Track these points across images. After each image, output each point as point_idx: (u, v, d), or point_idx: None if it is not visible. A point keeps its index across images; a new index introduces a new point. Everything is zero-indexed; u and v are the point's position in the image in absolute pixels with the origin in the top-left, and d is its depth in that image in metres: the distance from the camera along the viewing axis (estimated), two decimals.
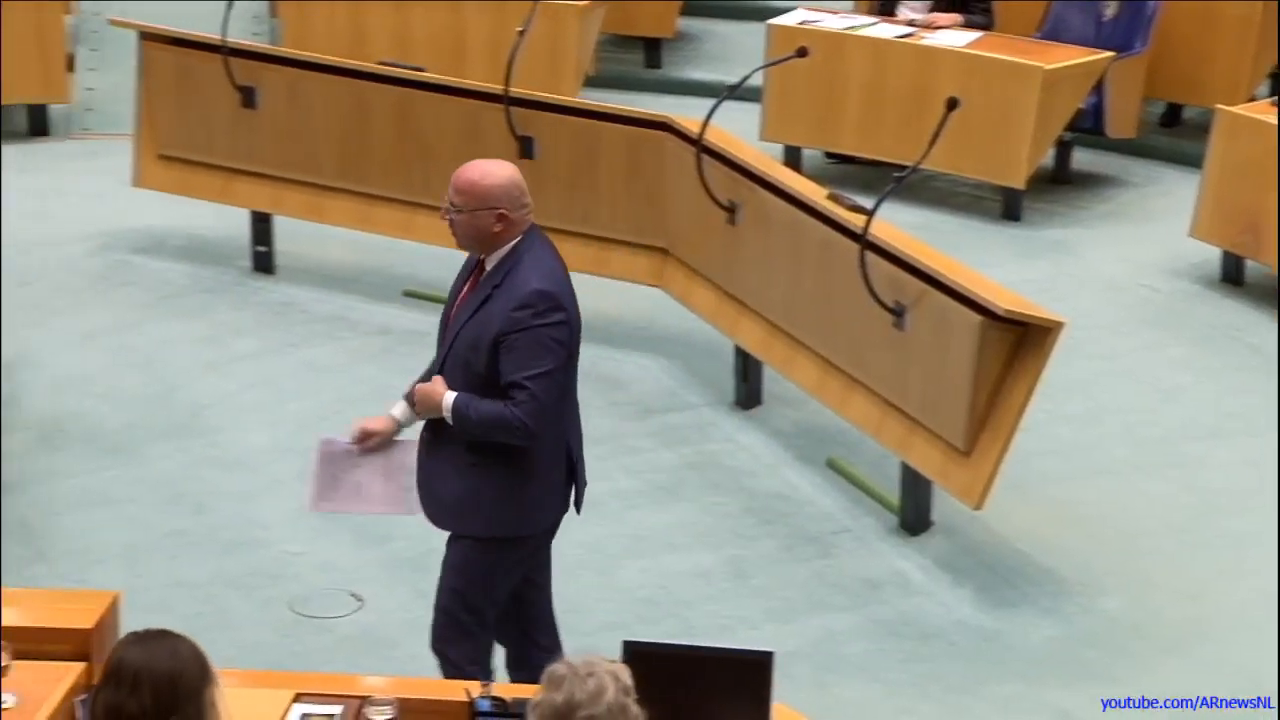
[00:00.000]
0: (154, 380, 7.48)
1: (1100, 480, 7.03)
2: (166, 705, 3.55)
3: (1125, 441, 7.32)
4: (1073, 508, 6.81)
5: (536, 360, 4.87)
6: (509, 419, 4.85)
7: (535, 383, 4.85)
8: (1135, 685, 5.84)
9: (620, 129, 7.82)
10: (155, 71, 8.48)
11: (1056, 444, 7.08)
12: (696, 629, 5.92)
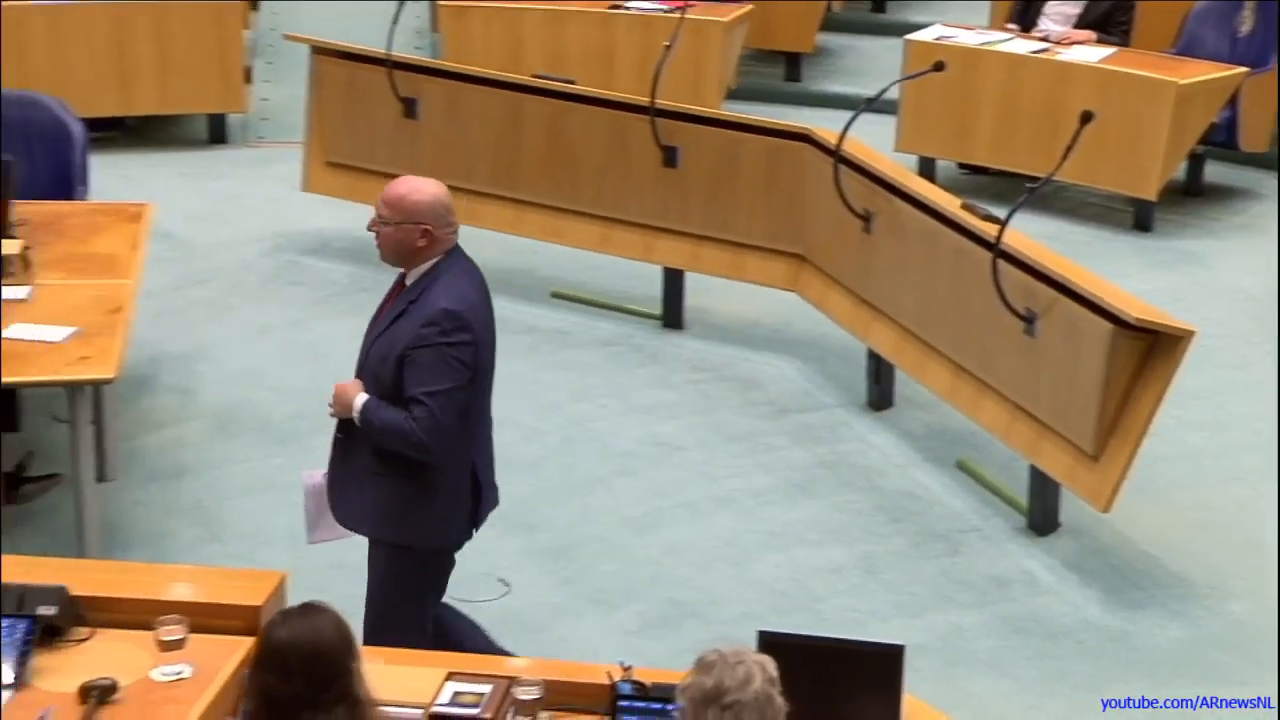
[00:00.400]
0: (319, 374, 7.48)
1: (1229, 487, 6.85)
2: (315, 686, 3.58)
3: (1254, 449, 7.10)
4: (1200, 513, 6.64)
5: (437, 377, 4.83)
6: (407, 431, 4.82)
7: (434, 399, 4.82)
8: (1262, 687, 5.69)
9: (760, 139, 7.75)
10: (325, 83, 8.56)
11: (1185, 450, 6.91)
12: (828, 621, 5.83)
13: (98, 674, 4.14)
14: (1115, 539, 6.44)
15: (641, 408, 7.34)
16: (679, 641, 5.73)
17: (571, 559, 6.30)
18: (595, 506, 6.63)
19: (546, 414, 7.26)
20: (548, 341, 7.88)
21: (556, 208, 8.14)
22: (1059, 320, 6.21)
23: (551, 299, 8.24)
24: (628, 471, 6.86)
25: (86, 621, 4.38)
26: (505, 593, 6.11)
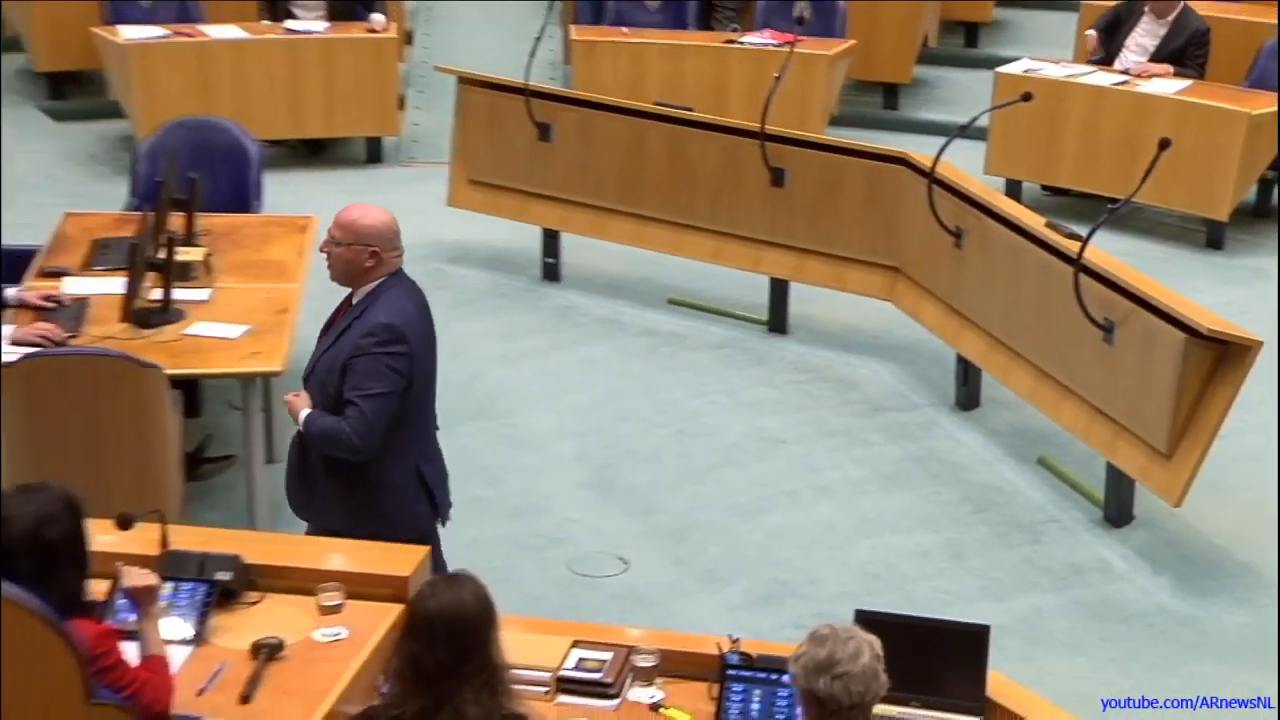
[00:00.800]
0: (460, 370, 7.54)
1: None
2: (458, 656, 3.59)
3: None
4: (1267, 509, 6.51)
5: (371, 383, 4.80)
6: (340, 434, 4.80)
7: (366, 402, 4.78)
8: None
9: (860, 162, 7.72)
10: (470, 110, 8.58)
11: (1252, 451, 6.78)
12: (917, 602, 5.79)
13: (267, 633, 4.22)
14: (1186, 531, 6.35)
15: (748, 405, 7.32)
16: (781, 617, 5.75)
17: (684, 541, 6.30)
18: (706, 493, 6.62)
19: (663, 410, 7.26)
20: (665, 344, 7.87)
21: (675, 223, 8.13)
22: (1136, 330, 6.16)
23: (668, 305, 8.23)
24: (735, 462, 6.85)
25: (257, 586, 4.43)
26: (624, 570, 6.11)
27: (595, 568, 6.12)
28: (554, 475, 6.74)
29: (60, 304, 6.20)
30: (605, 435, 7.03)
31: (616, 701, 4.20)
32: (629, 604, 5.84)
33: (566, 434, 7.05)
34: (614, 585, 6.01)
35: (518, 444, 6.97)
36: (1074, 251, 6.33)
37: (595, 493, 6.63)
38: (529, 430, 7.09)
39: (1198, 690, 5.55)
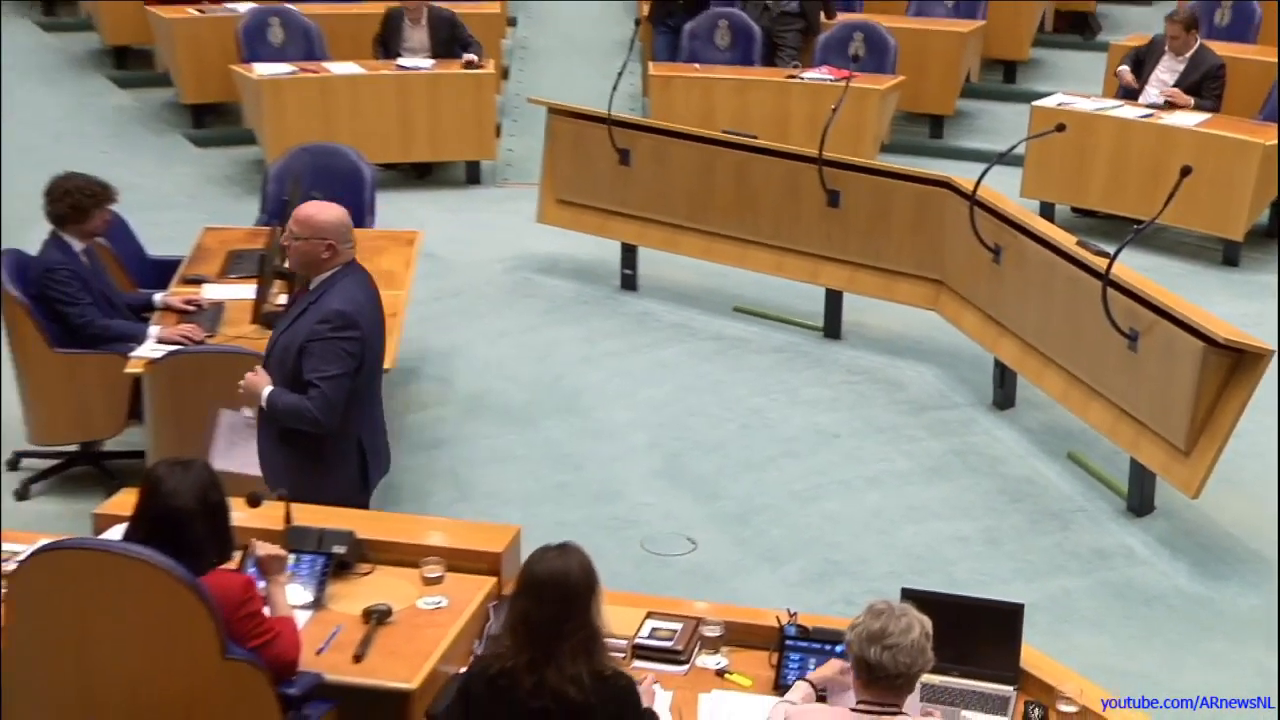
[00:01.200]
0: (546, 369, 7.61)
1: None
2: (562, 614, 3.60)
3: None
4: (1276, 503, 6.40)
5: (328, 365, 4.77)
6: (303, 410, 4.78)
7: (326, 383, 4.76)
8: None
9: (909, 186, 7.67)
10: (557, 137, 8.60)
11: (1263, 450, 6.68)
12: (958, 582, 5.77)
13: (377, 600, 4.27)
14: (1202, 521, 6.29)
15: (805, 402, 7.29)
16: (833, 594, 5.74)
17: (746, 523, 6.29)
18: (766, 481, 6.60)
19: (729, 406, 7.24)
20: (732, 347, 7.84)
21: (740, 239, 8.12)
22: (1158, 339, 6.10)
23: (734, 313, 8.20)
24: (793, 454, 6.83)
25: (368, 559, 4.48)
26: (692, 549, 6.10)
27: (666, 547, 6.12)
28: (629, 464, 6.74)
29: (200, 307, 6.30)
30: (676, 428, 7.03)
31: (686, 667, 4.22)
32: (697, 580, 5.84)
33: (641, 427, 7.04)
34: (683, 563, 6.02)
35: (597, 436, 6.97)
36: (1102, 267, 6.29)
37: (666, 480, 6.62)
38: (608, 423, 7.08)
39: (1213, 665, 5.52)
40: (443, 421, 7.03)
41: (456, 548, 4.49)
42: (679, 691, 4.10)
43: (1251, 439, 6.34)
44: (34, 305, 6.17)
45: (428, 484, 6.50)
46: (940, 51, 10.46)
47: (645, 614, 4.35)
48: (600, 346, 7.85)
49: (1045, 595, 5.74)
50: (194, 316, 6.20)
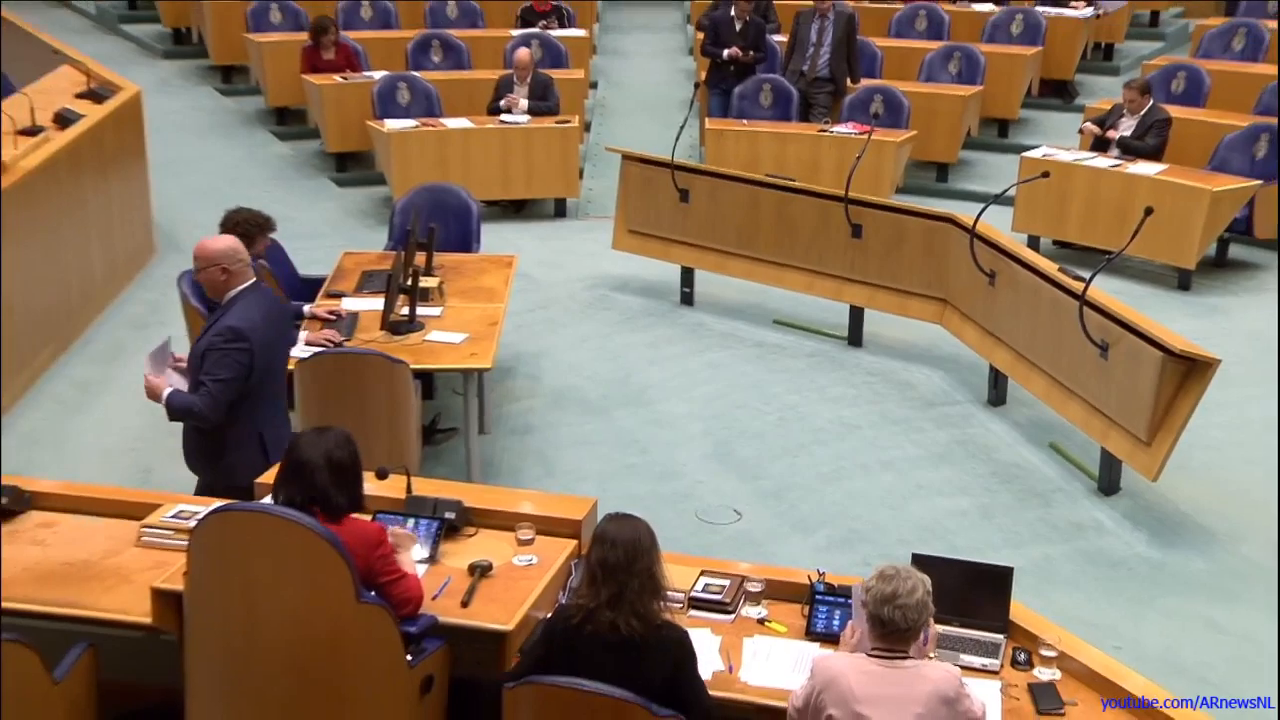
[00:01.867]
0: (617, 369, 7.63)
1: (1240, 468, 6.59)
2: (630, 558, 3.66)
3: (1260, 443, 6.81)
4: (1222, 485, 6.41)
5: (218, 370, 4.74)
6: (192, 407, 4.77)
7: (214, 384, 4.74)
8: (1264, 608, 5.53)
9: (919, 221, 7.64)
10: (629, 178, 8.62)
11: (1211, 441, 6.63)
12: (957, 548, 5.75)
13: (480, 557, 4.28)
14: (1159, 500, 6.24)
15: (832, 399, 7.28)
16: (854, 557, 5.73)
17: (782, 499, 6.30)
18: (799, 464, 6.60)
19: (768, 401, 7.23)
20: (771, 353, 7.83)
21: (778, 263, 8.10)
22: (1125, 349, 6.07)
23: (773, 324, 8.18)
24: (821, 441, 6.82)
25: (473, 523, 4.49)
26: (737, 519, 6.11)
27: (716, 517, 6.13)
28: (686, 448, 6.74)
29: (339, 316, 6.36)
30: (724, 419, 7.03)
31: (732, 616, 4.22)
32: (741, 545, 5.84)
33: (696, 418, 7.04)
34: (730, 530, 6.02)
35: (660, 424, 6.98)
36: (1078, 290, 6.28)
37: (716, 462, 6.62)
38: (668, 415, 7.09)
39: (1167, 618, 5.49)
40: (533, 411, 7.06)
41: (544, 515, 4.50)
42: (726, 636, 4.10)
43: (1201, 433, 6.26)
44: (208, 314, 6.25)
45: (520, 462, 6.53)
46: (946, 111, 10.41)
47: (699, 572, 4.36)
48: (662, 351, 7.87)
49: (1030, 560, 5.73)
50: (334, 324, 6.27)
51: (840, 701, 3.50)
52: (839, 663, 3.60)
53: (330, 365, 5.81)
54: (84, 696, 3.94)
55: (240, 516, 3.84)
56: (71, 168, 7.78)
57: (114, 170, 8.45)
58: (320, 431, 4.02)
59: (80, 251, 7.91)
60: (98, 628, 4.12)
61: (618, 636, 3.63)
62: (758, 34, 10.42)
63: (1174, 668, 5.07)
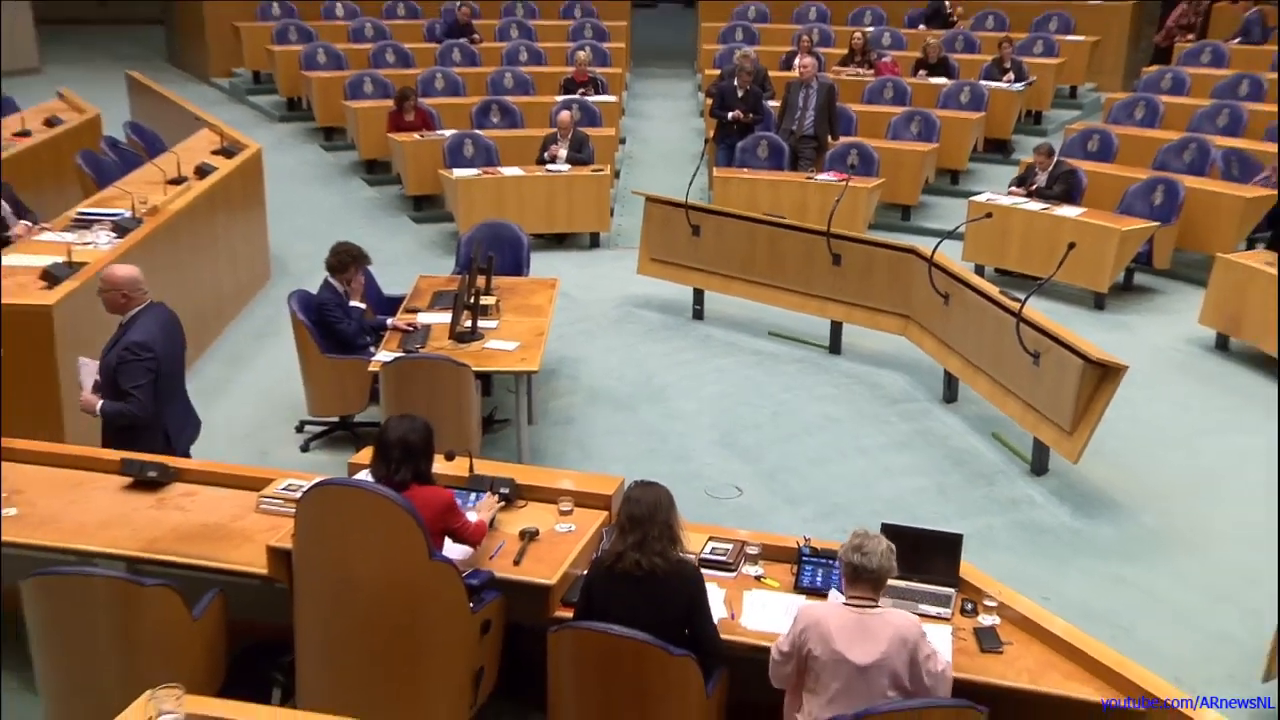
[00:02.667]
0: (641, 372, 7.61)
1: (1143, 452, 6.57)
2: (651, 512, 3.70)
3: (1160, 434, 6.80)
4: (1129, 467, 6.37)
5: (135, 379, 4.67)
6: (126, 412, 4.70)
7: (138, 391, 4.67)
8: (1162, 566, 5.53)
9: (887, 251, 7.62)
10: (651, 216, 8.59)
11: (1119, 432, 6.57)
12: (918, 518, 5.66)
13: (528, 525, 4.29)
14: (1080, 479, 6.21)
15: (816, 397, 7.26)
16: (834, 526, 5.71)
17: (775, 478, 6.29)
18: (790, 450, 6.58)
19: (765, 399, 7.22)
20: (768, 359, 7.80)
21: (773, 285, 8.07)
22: (1052, 357, 6.05)
23: (769, 335, 8.15)
24: (808, 432, 6.80)
25: (523, 497, 4.51)
26: (739, 495, 6.09)
27: (721, 493, 6.11)
28: (697, 437, 6.72)
29: (415, 328, 6.35)
30: (728, 413, 7.02)
31: (735, 574, 4.23)
32: (742, 516, 5.84)
33: (705, 412, 7.02)
34: (733, 504, 6.01)
35: (675, 417, 6.96)
36: (1016, 309, 6.26)
37: (722, 448, 6.60)
38: (682, 410, 7.07)
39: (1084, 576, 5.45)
40: (572, 406, 7.05)
41: (581, 491, 4.50)
42: (729, 590, 4.12)
43: (1112, 425, 6.22)
44: (312, 326, 6.32)
45: (562, 448, 6.52)
46: (908, 163, 10.35)
47: (708, 538, 4.37)
48: (677, 358, 7.84)
49: (975, 528, 5.72)
50: (411, 335, 6.27)
51: (820, 640, 3.53)
52: (820, 610, 3.62)
53: (408, 367, 5.84)
54: (216, 631, 3.98)
55: (336, 489, 3.87)
56: (207, 209, 7.86)
57: (239, 211, 8.52)
58: (403, 418, 4.05)
59: (213, 275, 7.98)
60: (226, 577, 4.17)
61: (642, 572, 3.67)
62: (756, 100, 10.41)
63: (1089, 614, 5.05)
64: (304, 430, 6.58)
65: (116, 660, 3.80)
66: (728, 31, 13.52)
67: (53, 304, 5.69)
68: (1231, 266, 7.82)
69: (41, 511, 4.41)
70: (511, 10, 14.14)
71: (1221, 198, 9.04)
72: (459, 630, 3.86)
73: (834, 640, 3.51)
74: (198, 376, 7.30)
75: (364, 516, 3.78)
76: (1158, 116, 10.76)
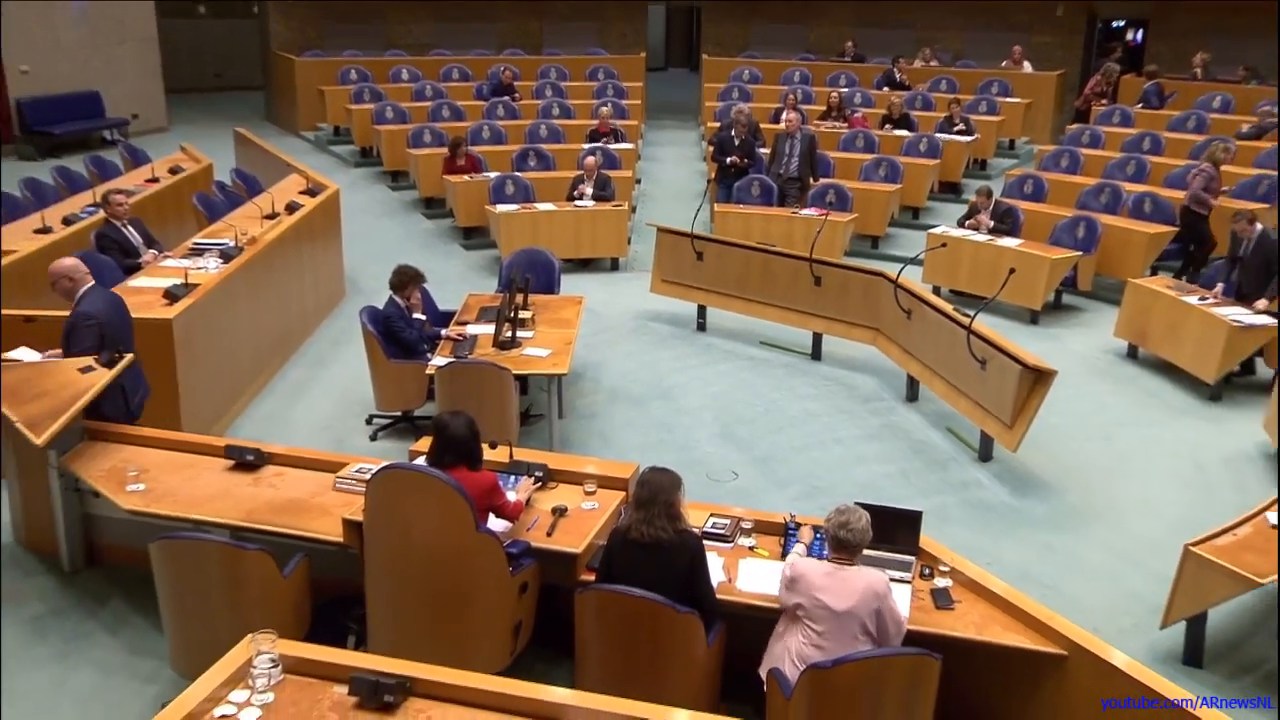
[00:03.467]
0: (653, 375, 7.57)
1: (1070, 442, 6.53)
2: (655, 493, 3.69)
3: (1083, 427, 6.75)
4: (1057, 455, 6.33)
5: (83, 343, 4.70)
6: None
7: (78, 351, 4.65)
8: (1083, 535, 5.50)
9: (859, 275, 7.58)
10: (662, 244, 8.57)
11: (1050, 425, 6.52)
12: (885, 498, 5.58)
13: (558, 503, 4.28)
14: (1018, 465, 6.18)
15: (800, 396, 7.24)
16: (815, 505, 5.69)
17: (766, 464, 6.27)
18: (778, 440, 6.56)
19: (757, 398, 7.20)
20: (759, 364, 7.76)
21: (764, 303, 8.03)
22: (996, 363, 6.02)
23: (760, 344, 8.12)
24: (793, 425, 6.78)
25: (554, 479, 4.50)
26: (735, 479, 6.07)
27: (720, 477, 6.09)
28: (700, 428, 6.70)
29: (464, 338, 6.34)
30: (727, 409, 7.00)
31: (731, 545, 4.23)
32: (738, 496, 5.82)
33: (706, 408, 7.00)
34: (730, 486, 5.99)
35: (682, 412, 6.94)
36: (966, 323, 6.25)
37: (721, 438, 6.57)
38: (687, 405, 7.05)
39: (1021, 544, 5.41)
40: (596, 403, 7.03)
41: (603, 474, 4.51)
42: (726, 558, 4.12)
43: (1044, 419, 6.19)
44: (379, 336, 6.33)
45: (586, 438, 6.50)
46: (877, 200, 10.30)
47: (709, 514, 4.36)
48: (683, 362, 7.82)
49: (933, 506, 5.69)
50: (461, 344, 6.26)
51: (805, 590, 3.57)
52: (806, 565, 3.65)
53: (459, 370, 5.84)
54: (302, 588, 4.01)
55: (399, 472, 3.89)
56: (295, 239, 7.89)
57: (320, 240, 8.55)
58: (453, 414, 4.05)
59: (299, 293, 8.01)
60: (309, 543, 4.20)
61: (651, 540, 3.67)
62: (750, 148, 10.39)
63: (1025, 575, 5.06)
64: (372, 423, 6.58)
65: (223, 609, 3.85)
66: (726, 91, 13.56)
67: (172, 317, 5.80)
68: (1139, 290, 7.81)
69: (162, 487, 4.47)
70: (546, 73, 14.20)
71: (1131, 233, 9.03)
72: (501, 590, 3.88)
73: (816, 589, 3.54)
74: (285, 377, 7.39)
75: (422, 495, 3.79)
76: (1079, 165, 10.86)
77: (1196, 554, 4.40)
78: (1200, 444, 6.59)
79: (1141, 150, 11.03)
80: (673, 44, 19.54)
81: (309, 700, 3.04)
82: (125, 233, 7.16)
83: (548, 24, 16.28)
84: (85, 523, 4.82)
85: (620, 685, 3.49)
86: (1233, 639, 4.70)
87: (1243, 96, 11.98)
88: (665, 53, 19.40)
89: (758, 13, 16.39)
